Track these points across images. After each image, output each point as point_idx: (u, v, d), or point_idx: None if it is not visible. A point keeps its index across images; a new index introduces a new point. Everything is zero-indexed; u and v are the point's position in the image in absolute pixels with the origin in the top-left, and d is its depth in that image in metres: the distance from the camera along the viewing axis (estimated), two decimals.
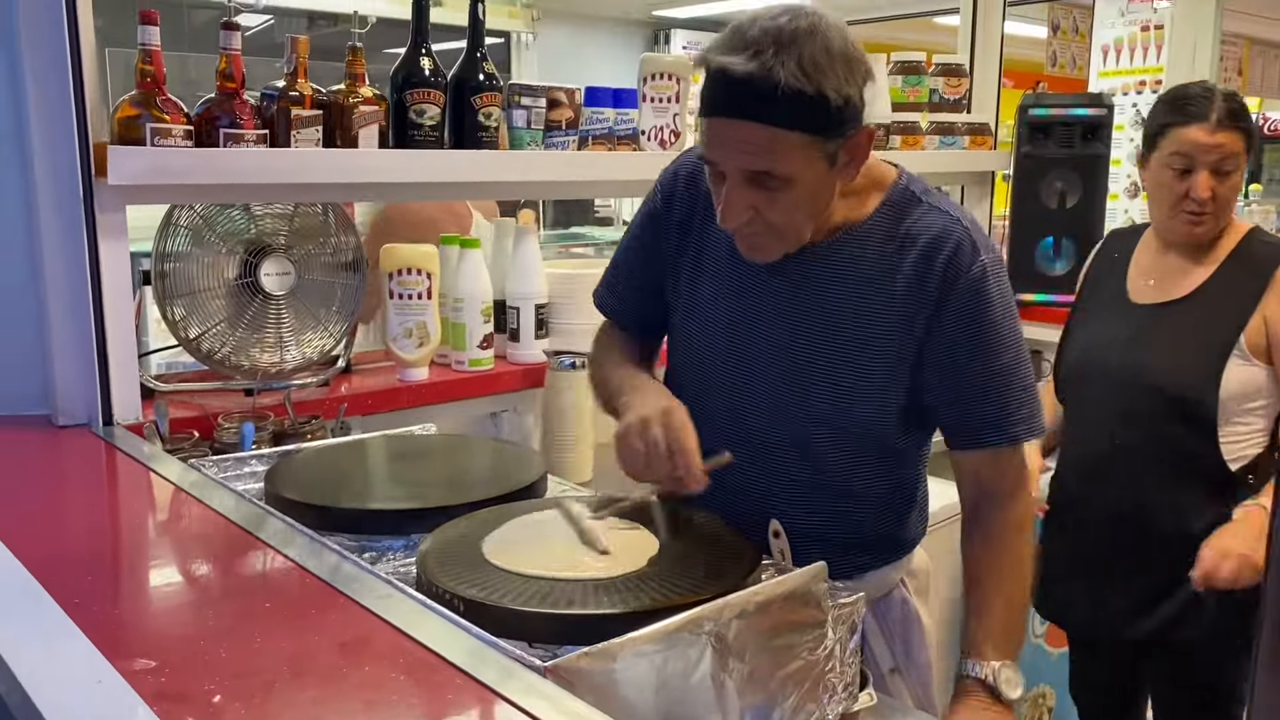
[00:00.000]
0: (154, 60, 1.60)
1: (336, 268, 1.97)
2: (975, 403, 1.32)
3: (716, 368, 1.39)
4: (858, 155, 1.25)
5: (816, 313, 1.32)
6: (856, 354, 1.31)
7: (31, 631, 0.96)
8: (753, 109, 1.17)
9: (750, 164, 1.20)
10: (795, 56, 1.14)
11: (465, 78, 1.90)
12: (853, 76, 1.18)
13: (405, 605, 1.01)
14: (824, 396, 1.32)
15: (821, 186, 1.24)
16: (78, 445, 1.60)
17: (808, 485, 1.36)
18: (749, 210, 1.24)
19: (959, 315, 1.29)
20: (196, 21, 5.05)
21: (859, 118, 1.22)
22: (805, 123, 1.17)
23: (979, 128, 2.80)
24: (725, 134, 1.21)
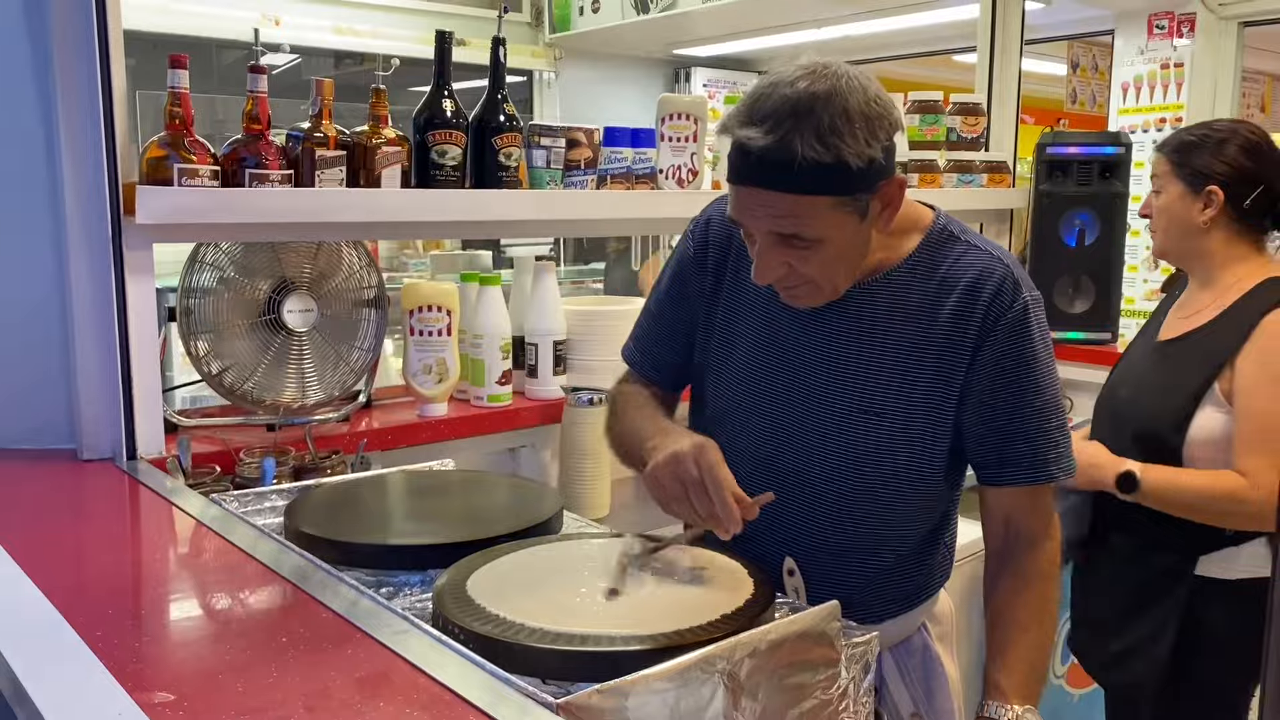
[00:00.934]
0: (182, 103, 1.64)
1: (358, 304, 2.00)
2: (1011, 441, 1.32)
3: (750, 411, 1.38)
4: (891, 204, 1.25)
5: (855, 355, 1.32)
6: (898, 397, 1.31)
7: (54, 663, 0.98)
8: (773, 179, 1.18)
9: (776, 227, 1.21)
10: (813, 126, 1.15)
11: (486, 119, 1.93)
12: (874, 136, 1.18)
13: (421, 641, 1.02)
14: (866, 441, 1.31)
15: (855, 239, 1.25)
16: (102, 479, 1.62)
17: (836, 529, 1.35)
18: (783, 267, 1.25)
19: (1000, 354, 1.29)
20: (225, 61, 5.14)
21: (886, 170, 1.22)
22: (827, 187, 1.18)
23: (997, 165, 2.81)
24: (750, 201, 1.22)
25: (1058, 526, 1.41)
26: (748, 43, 5.73)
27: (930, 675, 1.47)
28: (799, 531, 1.36)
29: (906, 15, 4.85)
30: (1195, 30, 4.85)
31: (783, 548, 1.34)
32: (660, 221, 2.18)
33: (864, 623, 1.25)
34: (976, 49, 3.02)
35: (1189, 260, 1.99)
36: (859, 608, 1.28)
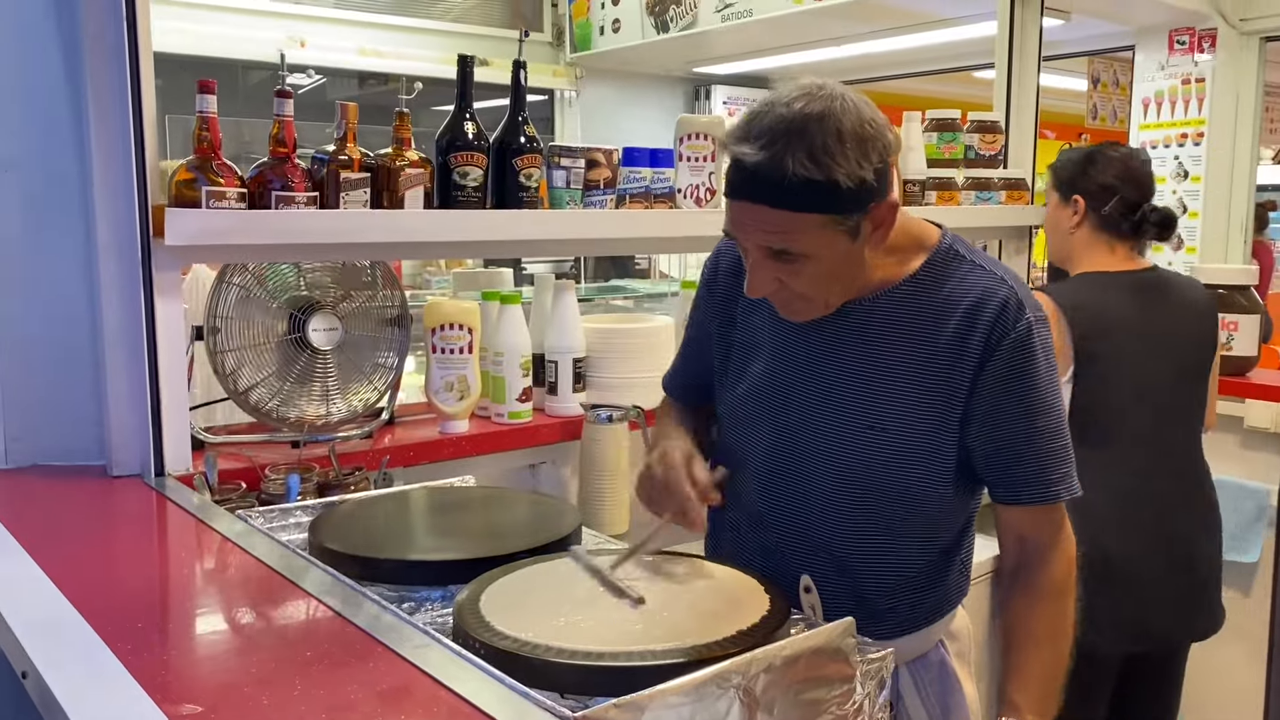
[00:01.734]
0: (210, 127, 1.68)
1: (381, 323, 2.03)
2: (1019, 460, 1.33)
3: (759, 427, 1.40)
4: (883, 225, 1.27)
5: (858, 371, 1.33)
6: (902, 412, 1.32)
7: (86, 676, 1.00)
8: (764, 194, 1.21)
9: (767, 241, 1.24)
10: (805, 146, 1.18)
11: (507, 140, 1.96)
12: (866, 158, 1.20)
13: (442, 655, 1.04)
14: (871, 456, 1.33)
15: (846, 258, 1.27)
16: (131, 495, 1.65)
17: (845, 543, 1.36)
18: (774, 282, 1.28)
19: (1004, 374, 1.30)
20: (250, 81, 5.22)
21: (878, 192, 1.23)
22: (817, 205, 1.21)
23: (1015, 183, 2.82)
24: (743, 215, 1.25)
25: (1071, 543, 1.42)
26: (766, 61, 5.77)
27: (947, 692, 1.47)
28: (810, 546, 1.37)
29: (924, 33, 4.87)
30: (1216, 45, 4.84)
31: (795, 562, 1.36)
32: (679, 240, 2.20)
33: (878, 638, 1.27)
34: (995, 66, 3.02)
35: (1063, 260, 2.29)
36: (873, 622, 1.29)
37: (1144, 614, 2.07)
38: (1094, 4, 4.25)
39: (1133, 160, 2.23)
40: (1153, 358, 2.09)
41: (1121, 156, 2.23)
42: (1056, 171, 2.29)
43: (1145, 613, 2.07)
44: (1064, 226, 2.24)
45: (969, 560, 1.48)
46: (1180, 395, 2.15)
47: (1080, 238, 2.22)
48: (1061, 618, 1.38)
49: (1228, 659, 2.30)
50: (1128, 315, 2.11)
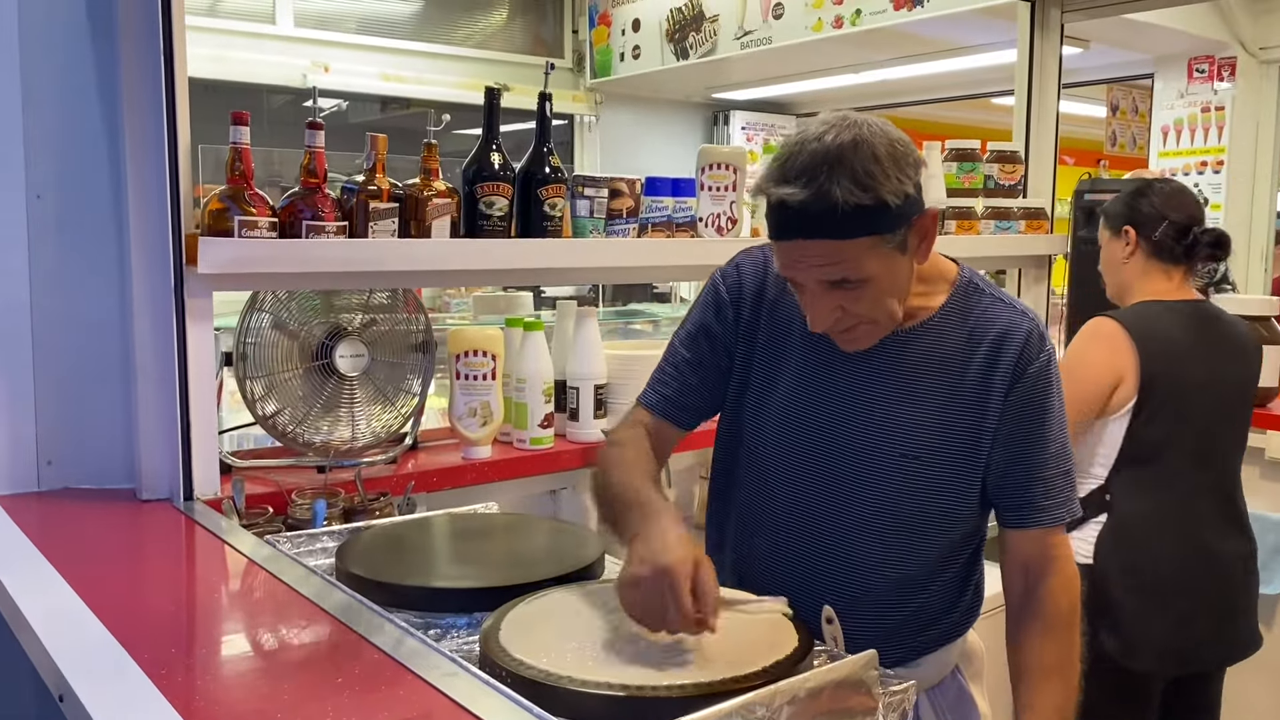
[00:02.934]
0: (243, 158, 1.71)
1: (407, 349, 2.06)
2: (1030, 485, 1.37)
3: (788, 455, 1.41)
4: (928, 235, 1.31)
5: (893, 401, 1.36)
6: (935, 441, 1.35)
7: (122, 700, 1.02)
8: (817, 229, 1.23)
9: (825, 275, 1.26)
10: (849, 174, 1.20)
11: (533, 170, 1.99)
12: (904, 174, 1.24)
13: (468, 683, 1.05)
14: (904, 484, 1.35)
15: (899, 273, 1.30)
16: (160, 519, 1.68)
17: (872, 570, 1.38)
18: (836, 311, 1.29)
19: (1025, 403, 1.35)
20: (274, 105, 5.29)
21: (919, 204, 1.28)
22: (869, 228, 1.23)
23: (1035, 212, 2.83)
24: (796, 253, 1.27)
25: (1075, 574, 1.44)
26: (785, 87, 5.81)
27: (966, 716, 1.49)
28: (835, 574, 1.39)
29: (944, 60, 4.90)
30: (1236, 74, 4.85)
31: (819, 590, 1.37)
32: (700, 269, 2.22)
33: (900, 663, 1.30)
34: (1014, 93, 3.04)
35: (1121, 293, 2.28)
36: (897, 646, 1.33)
37: (1186, 636, 2.09)
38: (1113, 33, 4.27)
39: (1178, 189, 2.27)
40: (1207, 388, 2.13)
41: (1166, 186, 2.27)
42: (1105, 210, 2.33)
43: (1187, 634, 2.09)
44: (1118, 258, 2.26)
45: (982, 584, 1.51)
46: (1228, 426, 2.19)
47: (1134, 268, 2.23)
48: (1070, 648, 1.40)
49: (1250, 690, 2.29)
50: (1189, 346, 2.14)
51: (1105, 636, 2.08)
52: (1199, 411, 2.12)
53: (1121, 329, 2.12)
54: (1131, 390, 2.09)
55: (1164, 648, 2.09)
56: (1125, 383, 2.09)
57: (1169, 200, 2.22)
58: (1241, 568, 2.17)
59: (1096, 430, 2.13)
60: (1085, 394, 2.09)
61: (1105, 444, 2.13)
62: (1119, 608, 2.08)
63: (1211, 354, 2.16)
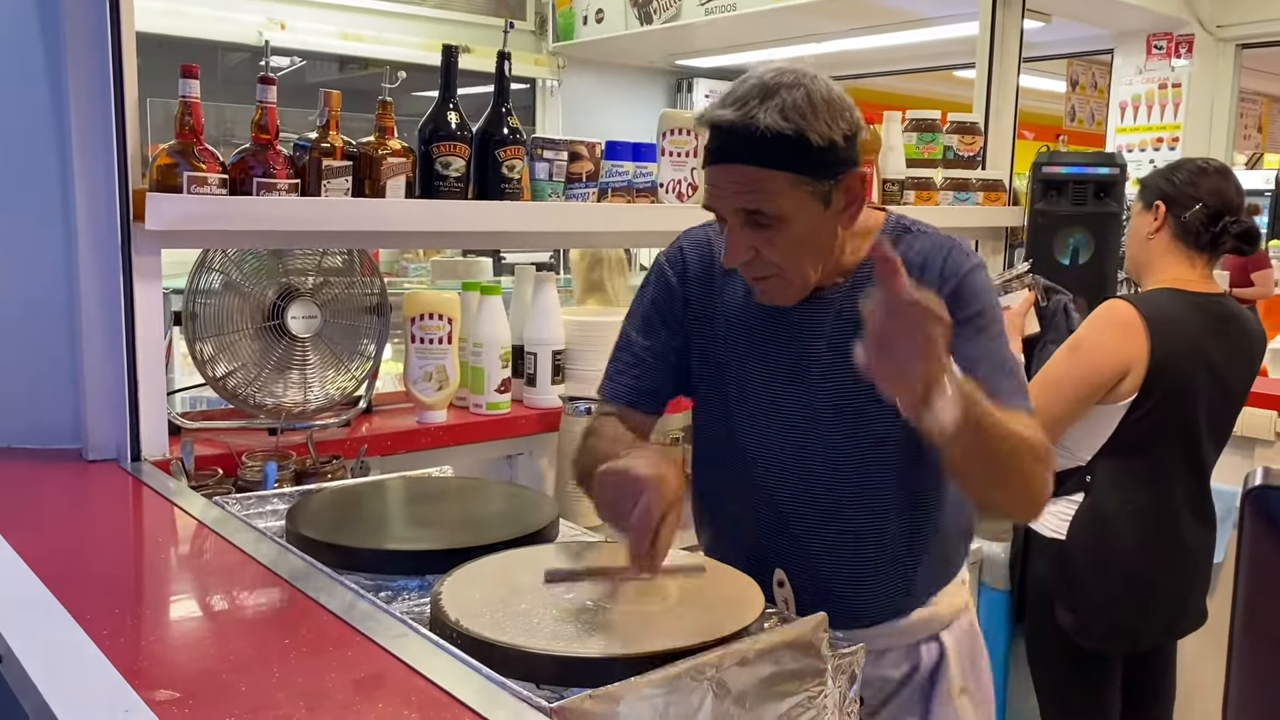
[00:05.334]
0: (193, 112, 1.67)
1: (361, 311, 2.03)
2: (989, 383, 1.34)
3: (749, 411, 1.43)
4: (855, 198, 1.31)
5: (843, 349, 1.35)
6: None
7: (63, 660, 1.00)
8: (739, 153, 1.26)
9: (742, 203, 1.28)
10: (777, 104, 1.24)
11: (490, 131, 1.96)
12: (835, 122, 1.26)
13: (419, 645, 1.05)
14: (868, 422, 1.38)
15: (819, 228, 1.30)
16: (106, 479, 1.65)
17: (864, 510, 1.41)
18: (750, 250, 1.30)
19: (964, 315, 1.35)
20: (229, 63, 5.19)
21: (848, 162, 1.29)
22: (788, 163, 1.25)
23: (993, 184, 2.85)
24: (719, 179, 1.29)
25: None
26: (749, 55, 5.79)
27: (976, 651, 1.54)
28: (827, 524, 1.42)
29: (906, 31, 4.91)
30: (1193, 51, 4.90)
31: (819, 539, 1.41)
32: (660, 235, 2.21)
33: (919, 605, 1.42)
34: (975, 66, 3.05)
35: (1138, 270, 2.23)
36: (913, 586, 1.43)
37: (1141, 620, 2.13)
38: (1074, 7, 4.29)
39: (1219, 172, 2.18)
40: (1209, 386, 2.08)
41: (1209, 166, 2.18)
42: (1143, 181, 2.25)
43: (1142, 618, 2.13)
44: (1143, 233, 2.18)
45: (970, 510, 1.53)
46: (1222, 424, 2.17)
47: (1157, 245, 2.16)
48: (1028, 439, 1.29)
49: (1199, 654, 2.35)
50: (1202, 342, 2.08)
51: (1062, 613, 2.11)
52: (1196, 413, 2.08)
53: (1139, 318, 2.04)
54: (1136, 384, 2.03)
55: (1118, 629, 2.11)
56: (1132, 374, 2.03)
57: (1207, 182, 2.13)
58: (1205, 556, 2.19)
59: (1091, 415, 2.08)
60: (1089, 376, 2.04)
61: (1095, 429, 2.09)
62: (1081, 588, 2.10)
63: (1221, 355, 2.10)
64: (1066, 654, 2.13)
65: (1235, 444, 2.65)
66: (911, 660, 1.47)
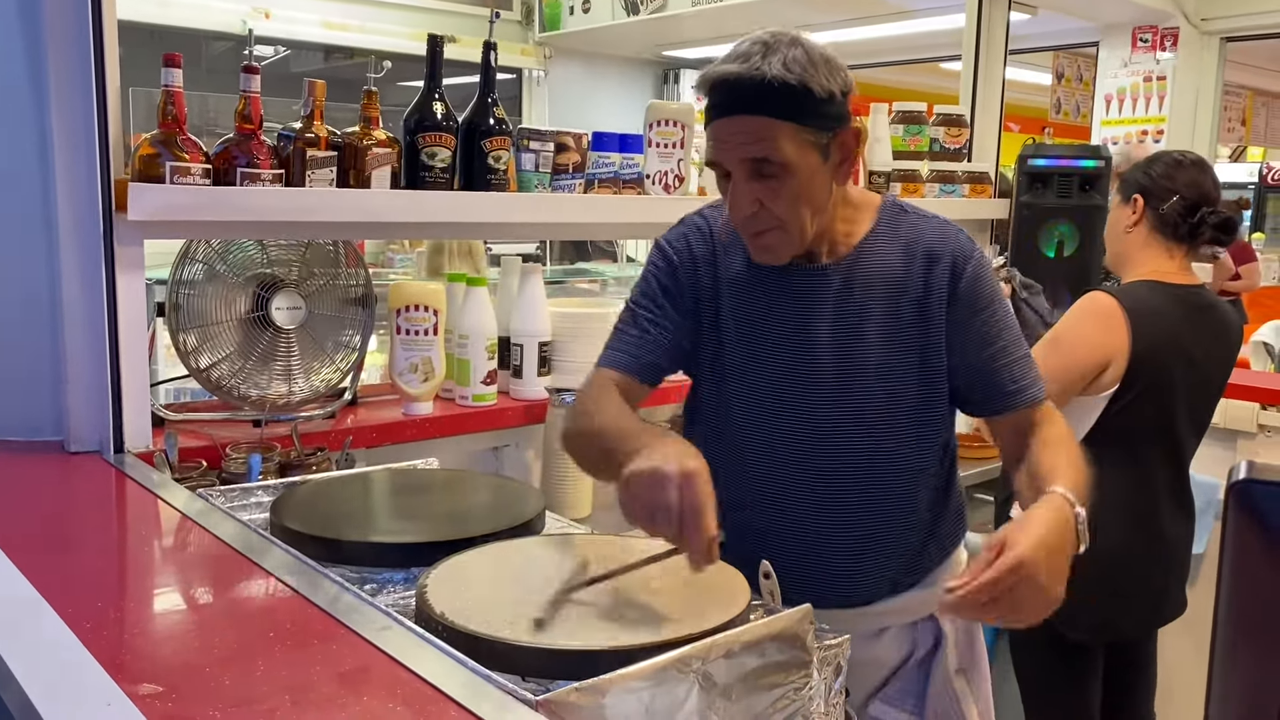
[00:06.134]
0: (176, 101, 1.66)
1: (346, 303, 2.02)
2: (995, 375, 1.45)
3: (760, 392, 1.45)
4: (848, 154, 1.37)
5: (847, 319, 1.43)
6: (893, 354, 1.42)
7: (44, 654, 1.00)
8: (746, 104, 1.31)
9: (748, 152, 1.32)
10: (780, 57, 1.30)
11: (476, 121, 1.96)
12: (833, 76, 1.32)
13: (404, 638, 1.05)
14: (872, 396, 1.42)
15: (817, 180, 1.35)
16: (89, 471, 1.64)
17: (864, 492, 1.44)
18: (754, 204, 1.35)
19: (967, 310, 1.43)
20: (213, 52, 5.15)
21: (844, 117, 1.35)
22: (792, 112, 1.30)
23: (978, 176, 2.85)
24: (725, 131, 1.34)
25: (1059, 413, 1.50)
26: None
27: (974, 634, 1.58)
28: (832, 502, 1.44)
29: (893, 23, 4.91)
30: (1178, 44, 4.92)
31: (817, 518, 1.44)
32: (647, 226, 2.21)
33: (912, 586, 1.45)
34: (962, 59, 3.05)
35: (1119, 261, 2.25)
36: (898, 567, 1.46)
37: (1121, 610, 2.14)
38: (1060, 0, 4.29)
39: (1196, 164, 2.20)
40: (1189, 379, 2.10)
41: (1185, 159, 2.21)
42: (1122, 175, 2.28)
43: (1123, 609, 2.14)
44: (1121, 226, 2.21)
45: (963, 496, 1.58)
46: (1201, 415, 2.19)
47: (1136, 238, 2.18)
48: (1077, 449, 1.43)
49: (1178, 647, 2.37)
50: (1181, 334, 2.10)
51: None
52: (1176, 404, 2.10)
53: (1120, 310, 2.06)
54: (1118, 375, 2.05)
55: (1100, 620, 2.13)
56: (1113, 366, 2.05)
57: (1184, 175, 2.16)
58: (1184, 546, 2.21)
59: (1072, 407, 2.07)
60: (1071, 367, 2.05)
61: (1077, 421, 2.07)
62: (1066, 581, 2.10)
63: (1200, 347, 2.12)
64: (1048, 644, 2.14)
65: (1217, 436, 2.67)
66: (910, 640, 1.49)
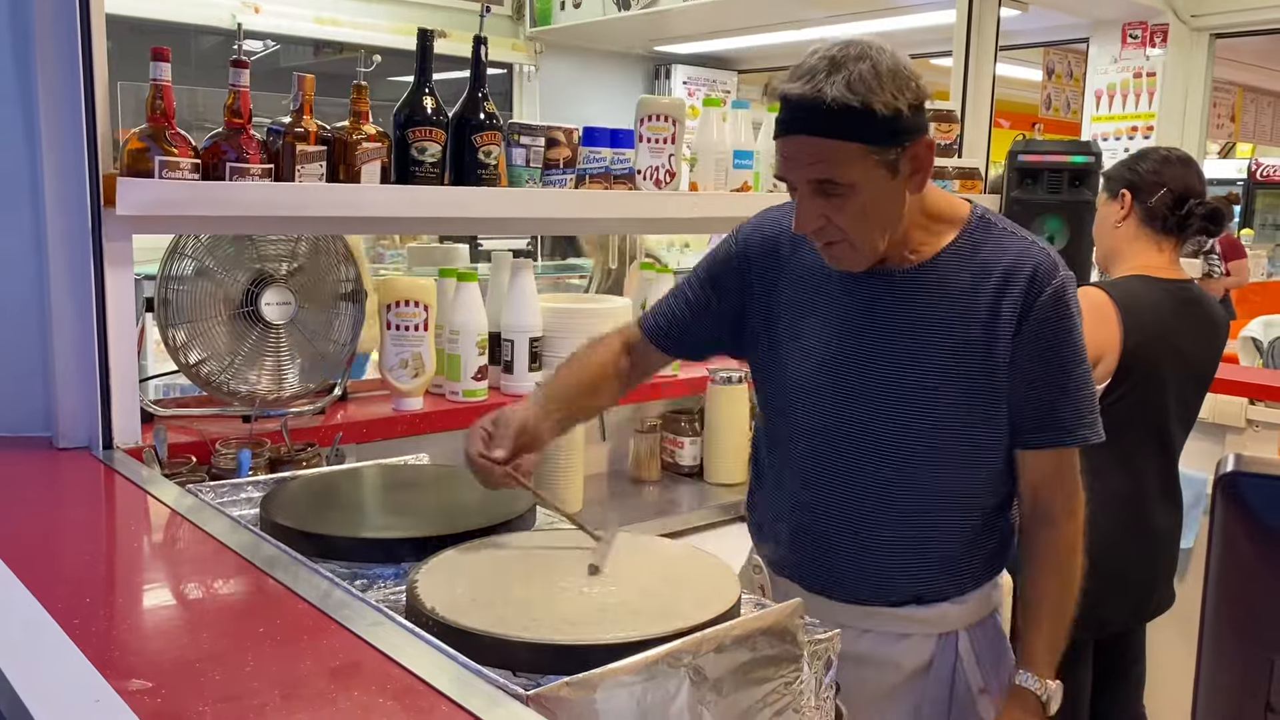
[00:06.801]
0: (164, 95, 1.65)
1: (336, 298, 2.02)
2: (1051, 407, 1.42)
3: (816, 395, 1.46)
4: (921, 165, 1.34)
5: (909, 334, 1.41)
6: (954, 371, 1.40)
7: (32, 650, 0.99)
8: (806, 125, 1.30)
9: (810, 174, 1.31)
10: (844, 77, 1.27)
11: (467, 116, 1.95)
12: (901, 92, 1.29)
13: (394, 633, 1.04)
14: (927, 414, 1.41)
15: (887, 195, 1.33)
16: (78, 467, 1.63)
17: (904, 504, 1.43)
18: (820, 218, 1.34)
19: (1040, 328, 1.39)
20: (202, 46, 5.12)
21: (915, 129, 1.32)
22: (855, 134, 1.28)
23: (969, 172, 2.85)
24: (788, 150, 1.33)
25: (1082, 505, 1.50)
26: (727, 42, 5.77)
27: (999, 652, 1.55)
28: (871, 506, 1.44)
29: (884, 18, 4.90)
30: (1168, 40, 4.93)
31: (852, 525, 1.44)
32: (637, 222, 2.21)
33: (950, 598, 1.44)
34: (952, 55, 3.05)
35: (1109, 257, 2.25)
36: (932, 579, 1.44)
37: (1110, 604, 2.14)
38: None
39: (1182, 159, 2.23)
40: (1179, 372, 2.11)
41: (1171, 155, 2.23)
42: (1107, 172, 2.29)
43: (1111, 603, 2.14)
44: (1110, 222, 2.22)
45: (1014, 522, 1.55)
46: (1189, 408, 2.20)
47: (1125, 232, 2.19)
48: (1071, 578, 1.49)
49: (1167, 642, 2.38)
50: (1171, 328, 2.11)
51: None
52: (1165, 398, 2.11)
53: (1111, 304, 2.06)
54: (1109, 370, 2.05)
55: (1088, 613, 2.13)
56: (1104, 360, 2.04)
57: (1170, 170, 2.17)
58: (1172, 541, 2.22)
59: None
60: None
61: None
62: None
63: (1189, 341, 2.13)
64: None
65: (1207, 431, 2.68)
66: (930, 651, 1.48)
